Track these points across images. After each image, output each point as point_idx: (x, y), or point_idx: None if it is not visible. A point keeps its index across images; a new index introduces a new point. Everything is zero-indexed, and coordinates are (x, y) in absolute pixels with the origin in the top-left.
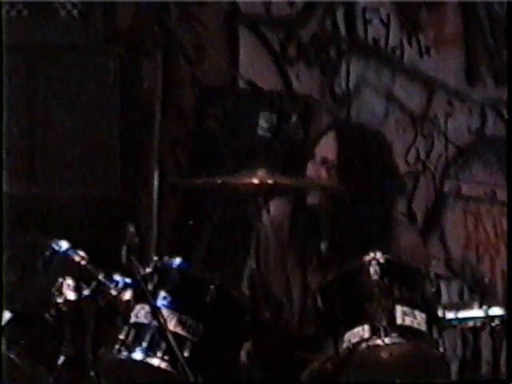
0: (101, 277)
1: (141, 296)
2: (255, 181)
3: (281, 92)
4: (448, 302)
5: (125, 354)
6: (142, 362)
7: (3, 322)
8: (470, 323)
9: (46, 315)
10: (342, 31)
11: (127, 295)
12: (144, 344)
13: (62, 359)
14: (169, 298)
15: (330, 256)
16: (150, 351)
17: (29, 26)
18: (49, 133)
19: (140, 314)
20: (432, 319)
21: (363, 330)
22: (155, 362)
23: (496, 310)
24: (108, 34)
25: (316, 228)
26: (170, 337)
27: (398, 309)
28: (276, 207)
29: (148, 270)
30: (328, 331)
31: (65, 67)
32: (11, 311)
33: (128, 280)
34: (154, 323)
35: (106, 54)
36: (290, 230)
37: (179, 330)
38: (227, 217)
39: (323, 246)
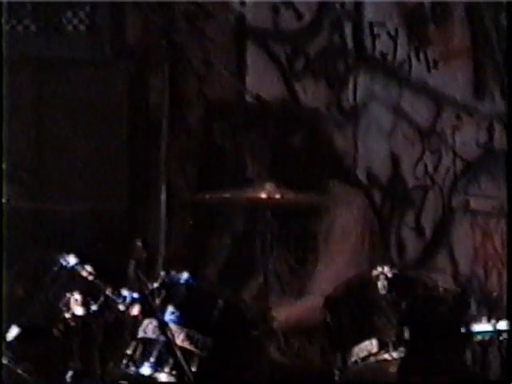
0: (108, 292)
1: (148, 311)
2: (263, 195)
3: (288, 106)
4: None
5: (133, 368)
6: (150, 377)
7: (11, 337)
8: (479, 337)
9: (54, 330)
10: (350, 45)
11: (135, 310)
12: (152, 359)
13: (70, 374)
14: (176, 313)
15: None
16: (157, 366)
17: (36, 41)
18: (56, 148)
19: (148, 328)
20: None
21: (371, 345)
22: (163, 376)
23: (504, 324)
24: (115, 49)
25: None
26: (178, 352)
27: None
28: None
29: (156, 284)
30: (336, 345)
31: (72, 82)
32: (19, 326)
33: (136, 295)
34: (162, 338)
35: (114, 68)
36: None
37: (187, 345)
38: (235, 231)
39: None
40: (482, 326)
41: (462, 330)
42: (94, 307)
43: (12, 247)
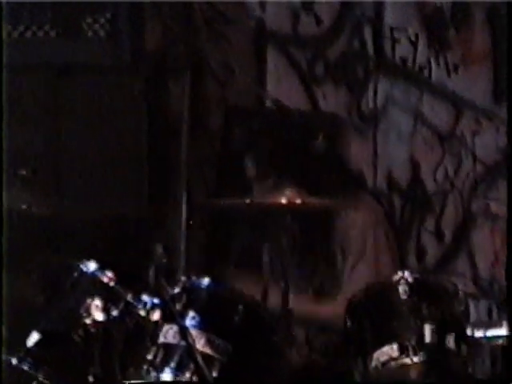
0: (129, 297)
1: (169, 316)
2: (283, 201)
3: (308, 111)
4: (477, 320)
5: (153, 374)
6: (171, 383)
7: (31, 343)
8: (499, 341)
9: (75, 336)
10: (370, 50)
11: (155, 315)
12: (172, 364)
13: (90, 380)
14: (197, 318)
15: None
16: (178, 371)
17: (56, 47)
18: (76, 153)
19: (168, 334)
20: (461, 338)
21: (392, 349)
22: (184, 382)
23: None
24: (135, 55)
25: None
26: (199, 357)
27: (427, 327)
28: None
29: (176, 290)
30: (357, 350)
31: (92, 88)
32: (39, 332)
33: (156, 300)
34: (183, 343)
35: (133, 74)
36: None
37: (208, 350)
38: (255, 237)
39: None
40: (502, 330)
41: (480, 334)
42: (114, 313)
43: (32, 253)
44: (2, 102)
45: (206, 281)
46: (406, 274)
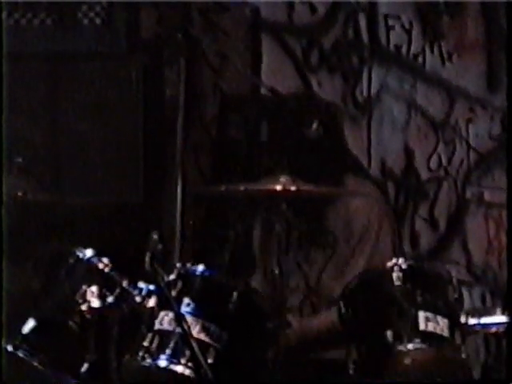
0: (125, 284)
1: (165, 303)
2: (278, 187)
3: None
4: (470, 307)
5: (149, 361)
6: (166, 369)
7: (27, 330)
8: (493, 328)
9: (70, 322)
10: (364, 38)
11: (151, 302)
12: (168, 351)
13: (86, 366)
14: (192, 305)
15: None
16: (174, 358)
17: (52, 35)
18: (72, 141)
19: (164, 320)
20: (455, 325)
21: (386, 336)
22: (179, 369)
23: None
24: (131, 43)
25: None
26: (194, 344)
27: (421, 315)
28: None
29: (172, 276)
30: (351, 337)
31: (88, 76)
32: (35, 318)
33: (152, 287)
34: (178, 330)
35: (129, 62)
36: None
37: (203, 337)
38: (250, 224)
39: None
40: (496, 318)
41: (473, 321)
42: (110, 299)
43: (28, 240)
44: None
45: (201, 268)
46: (400, 260)
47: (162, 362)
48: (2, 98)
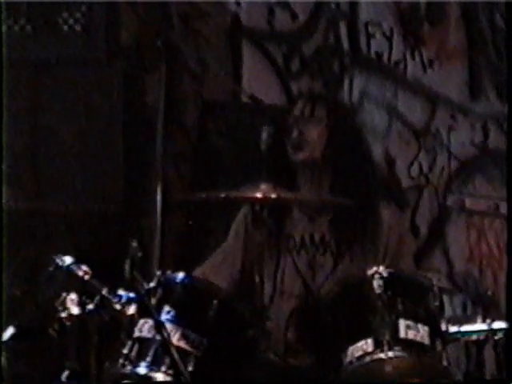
0: (104, 291)
1: (144, 310)
2: (258, 195)
3: (283, 106)
4: (451, 315)
5: (129, 368)
6: (146, 377)
7: (6, 337)
8: (474, 337)
9: (50, 330)
10: (345, 45)
11: (131, 310)
12: (148, 358)
13: (66, 374)
14: (172, 313)
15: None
16: (153, 366)
17: (32, 41)
18: (52, 147)
19: (144, 328)
20: (435, 333)
21: (366, 344)
22: (159, 376)
23: (499, 324)
24: (111, 49)
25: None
26: (174, 351)
27: (402, 322)
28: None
29: (151, 284)
30: (331, 345)
31: (68, 82)
32: (15, 326)
33: (131, 294)
34: (158, 338)
35: (109, 69)
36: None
37: (183, 345)
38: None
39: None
40: (476, 326)
41: (454, 329)
42: (89, 306)
43: (9, 248)
44: None
45: (181, 275)
46: (381, 268)
47: (142, 370)
48: None
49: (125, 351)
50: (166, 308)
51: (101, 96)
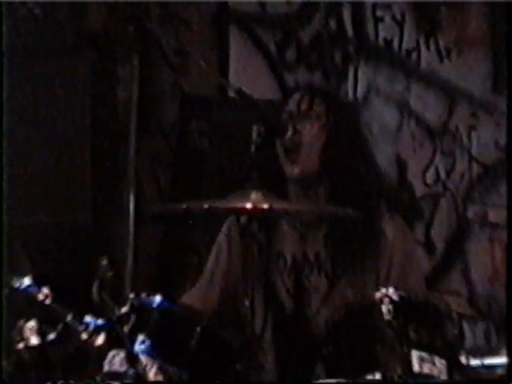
0: (69, 318)
1: (115, 340)
2: (248, 205)
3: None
4: (473, 346)
5: None
6: None
7: None
8: (499, 371)
9: (4, 363)
10: (349, 31)
11: (100, 339)
12: None
13: None
14: (148, 343)
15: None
16: None
17: None
18: (12, 151)
19: (114, 361)
20: (454, 366)
21: (374, 379)
22: None
23: None
24: (77, 36)
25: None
26: None
27: (415, 354)
28: None
29: (124, 309)
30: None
31: (28, 74)
32: None
33: (100, 321)
34: (131, 372)
35: (75, 58)
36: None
37: (160, 379)
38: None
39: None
40: (501, 358)
41: (476, 362)
42: (51, 336)
43: None
44: None
45: (157, 299)
46: (391, 291)
47: None
48: None
49: None
50: (141, 337)
51: (65, 90)
